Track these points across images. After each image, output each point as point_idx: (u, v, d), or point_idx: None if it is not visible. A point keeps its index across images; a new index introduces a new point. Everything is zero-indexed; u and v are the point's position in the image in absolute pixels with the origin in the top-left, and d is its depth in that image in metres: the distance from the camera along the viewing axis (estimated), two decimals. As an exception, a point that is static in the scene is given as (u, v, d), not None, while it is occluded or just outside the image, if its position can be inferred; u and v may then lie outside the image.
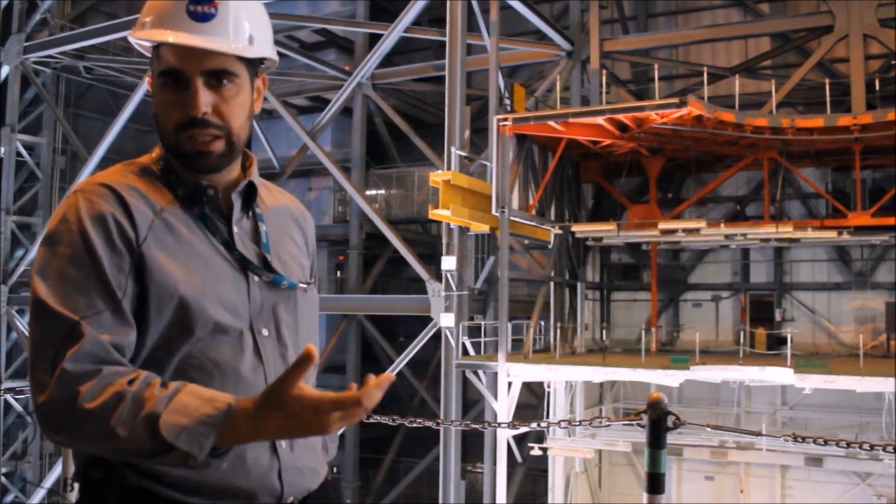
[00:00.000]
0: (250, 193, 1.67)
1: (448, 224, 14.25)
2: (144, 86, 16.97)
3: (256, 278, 1.60)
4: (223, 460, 1.42)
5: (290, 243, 1.75)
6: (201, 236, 1.57)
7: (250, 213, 1.68)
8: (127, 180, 1.55)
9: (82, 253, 1.44)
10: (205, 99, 1.52)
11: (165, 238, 1.51)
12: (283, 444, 1.56)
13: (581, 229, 17.35)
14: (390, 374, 1.33)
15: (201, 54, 1.52)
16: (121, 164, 1.63)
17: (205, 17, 1.52)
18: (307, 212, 1.88)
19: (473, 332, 14.69)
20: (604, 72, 17.13)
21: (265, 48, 1.62)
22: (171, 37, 1.50)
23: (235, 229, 1.63)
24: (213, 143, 1.55)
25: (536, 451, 14.43)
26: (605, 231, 17.19)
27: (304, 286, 1.70)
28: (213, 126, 1.54)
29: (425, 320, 14.81)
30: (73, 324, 1.38)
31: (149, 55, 1.63)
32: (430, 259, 19.10)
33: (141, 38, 1.56)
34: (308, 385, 1.32)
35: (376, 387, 1.29)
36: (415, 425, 4.36)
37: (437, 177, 13.70)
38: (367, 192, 21.28)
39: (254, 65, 1.63)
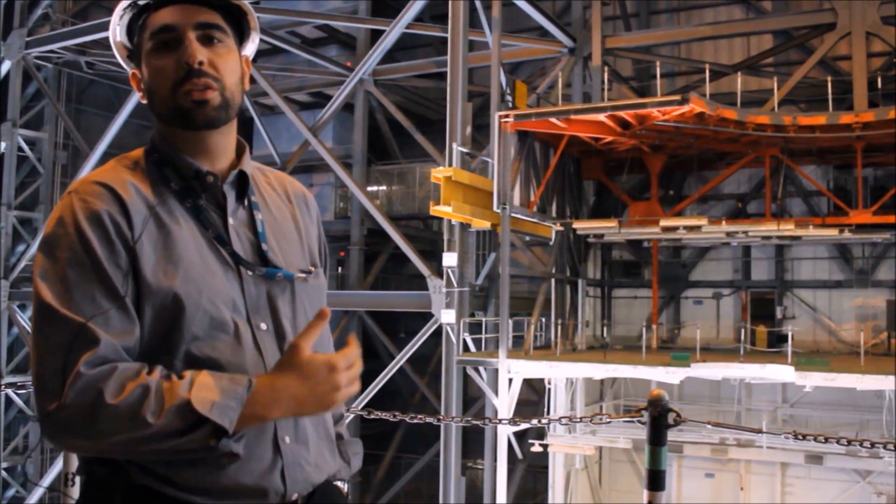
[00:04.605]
0: (243, 183, 1.66)
1: (449, 220, 14.26)
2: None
3: (250, 273, 1.58)
4: (233, 457, 1.43)
5: (291, 230, 1.73)
6: (195, 230, 1.55)
7: (246, 202, 1.66)
8: (121, 176, 1.54)
9: (81, 254, 1.43)
10: (200, 50, 1.56)
11: (159, 234, 1.50)
12: (286, 439, 1.54)
13: (582, 226, 17.34)
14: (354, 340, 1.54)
15: (192, 10, 1.58)
16: (114, 160, 1.62)
17: None
18: (308, 192, 1.86)
19: (474, 328, 14.71)
20: (605, 69, 17.13)
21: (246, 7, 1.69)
22: None
23: (231, 221, 1.61)
24: (208, 92, 1.56)
25: (537, 448, 14.46)
26: (607, 228, 17.18)
27: (304, 275, 1.67)
28: (208, 76, 1.56)
29: (426, 316, 14.82)
30: (80, 326, 1.38)
31: (129, 68, 1.67)
32: (432, 255, 19.11)
33: (130, 9, 1.60)
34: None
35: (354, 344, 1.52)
36: (415, 422, 4.37)
37: (438, 173, 13.70)
38: (369, 189, 21.29)
39: (240, 38, 1.68)
